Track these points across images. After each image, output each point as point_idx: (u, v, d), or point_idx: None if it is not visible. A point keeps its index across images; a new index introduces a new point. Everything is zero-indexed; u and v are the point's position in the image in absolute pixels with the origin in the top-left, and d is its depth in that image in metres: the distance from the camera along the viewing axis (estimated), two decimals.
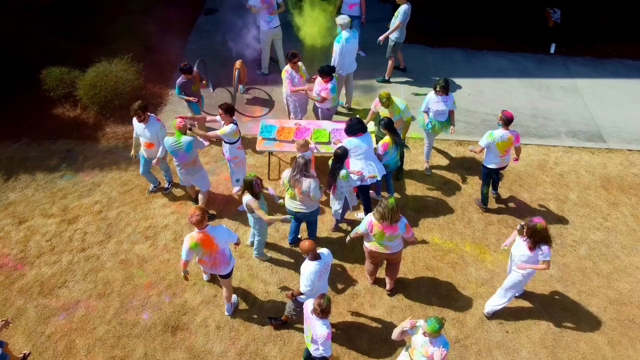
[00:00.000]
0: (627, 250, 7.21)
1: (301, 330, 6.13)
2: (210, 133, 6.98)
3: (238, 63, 8.88)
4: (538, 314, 6.43)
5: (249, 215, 6.29)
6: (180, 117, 6.76)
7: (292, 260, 6.89)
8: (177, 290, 6.55)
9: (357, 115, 8.80)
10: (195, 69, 7.90)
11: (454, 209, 7.62)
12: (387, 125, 6.72)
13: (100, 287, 6.56)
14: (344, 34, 8.21)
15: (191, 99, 7.78)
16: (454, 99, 7.52)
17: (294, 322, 6.14)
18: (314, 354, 5.06)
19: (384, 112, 7.29)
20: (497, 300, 6.14)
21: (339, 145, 6.62)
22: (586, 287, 6.76)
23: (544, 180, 8.14)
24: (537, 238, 5.43)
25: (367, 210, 7.08)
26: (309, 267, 5.22)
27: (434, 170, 8.19)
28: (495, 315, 6.33)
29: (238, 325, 6.21)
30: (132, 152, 7.36)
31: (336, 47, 8.30)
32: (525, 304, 6.52)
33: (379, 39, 9.26)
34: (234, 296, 6.38)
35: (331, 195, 6.80)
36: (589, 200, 7.86)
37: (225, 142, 6.89)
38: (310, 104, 8.37)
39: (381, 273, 6.62)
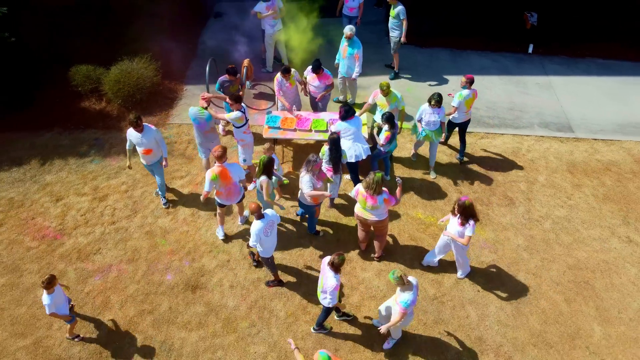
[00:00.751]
0: (586, 225, 8.20)
1: (301, 289, 7.13)
2: (220, 115, 7.96)
3: (246, 61, 9.83)
4: (506, 277, 7.42)
5: (257, 190, 7.29)
6: (204, 97, 7.75)
7: (294, 230, 7.90)
8: (196, 256, 7.56)
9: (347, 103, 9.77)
10: (238, 74, 8.71)
11: (435, 190, 8.60)
12: (389, 119, 7.76)
13: (129, 254, 7.57)
14: (346, 42, 9.19)
15: (226, 99, 8.26)
16: (445, 109, 8.34)
17: (277, 278, 7.15)
18: (323, 302, 6.08)
19: (381, 102, 8.23)
20: (464, 266, 7.20)
21: (332, 131, 7.60)
22: (548, 255, 7.75)
23: (516, 164, 9.13)
24: (467, 214, 6.41)
25: (356, 181, 8.08)
26: (255, 225, 6.34)
27: (419, 156, 9.17)
28: (469, 276, 7.34)
29: (248, 284, 7.22)
30: (128, 163, 7.82)
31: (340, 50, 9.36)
32: (495, 268, 7.52)
33: (402, 40, 10.16)
34: (246, 212, 7.76)
35: (332, 177, 7.72)
36: (555, 182, 8.85)
37: (234, 126, 7.88)
38: (304, 99, 9.40)
39: (371, 244, 7.61)
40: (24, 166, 8.93)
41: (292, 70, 8.78)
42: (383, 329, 5.97)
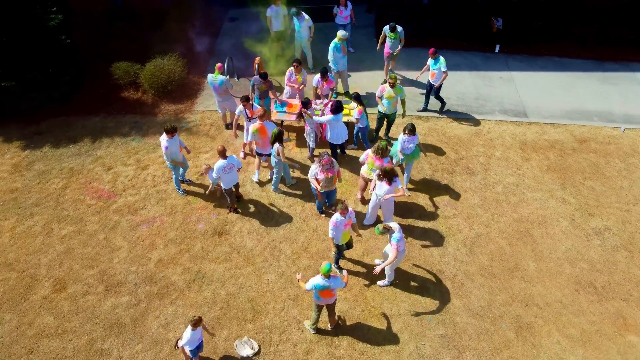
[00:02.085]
0: (530, 189, 10.08)
1: (303, 235, 9.02)
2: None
3: (257, 59, 11.71)
4: (463, 227, 9.31)
5: (272, 158, 9.17)
6: (220, 64, 9.96)
7: (299, 192, 9.79)
8: (220, 212, 9.45)
9: (339, 99, 11.60)
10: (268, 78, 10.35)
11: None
12: (357, 98, 9.70)
13: (168, 209, 9.47)
14: (339, 44, 11.01)
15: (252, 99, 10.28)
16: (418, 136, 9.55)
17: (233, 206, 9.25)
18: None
19: (388, 93, 9.94)
20: (392, 221, 8.88)
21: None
22: (498, 211, 9.63)
23: (478, 142, 11.01)
24: (389, 175, 8.25)
25: (335, 157, 9.84)
26: (218, 163, 8.49)
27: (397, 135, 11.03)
28: (433, 225, 9.23)
29: (262, 231, 9.12)
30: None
31: (333, 52, 11.17)
32: (454, 219, 9.41)
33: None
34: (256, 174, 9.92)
35: (306, 131, 9.78)
36: (509, 156, 10.73)
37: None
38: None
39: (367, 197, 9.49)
40: (79, 143, 10.82)
41: (304, 71, 10.67)
42: (377, 269, 7.72)
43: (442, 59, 10.82)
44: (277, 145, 8.87)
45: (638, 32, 13.63)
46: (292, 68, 10.58)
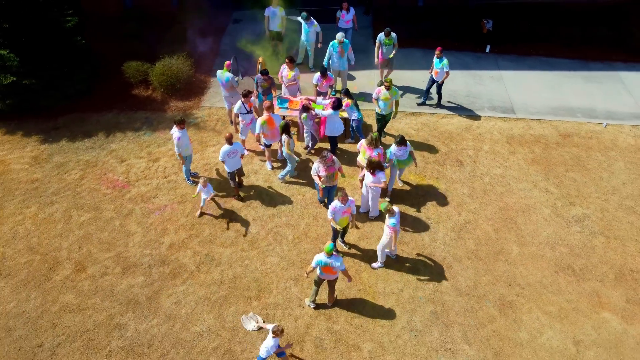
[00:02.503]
0: (516, 180, 10.74)
1: (304, 221, 9.68)
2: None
3: (260, 59, 12.35)
4: (452, 214, 9.97)
5: (283, 149, 9.82)
6: (229, 62, 10.68)
7: (301, 182, 10.46)
8: (227, 200, 10.12)
9: (338, 96, 12.24)
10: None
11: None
12: (347, 93, 10.47)
13: (178, 198, 10.13)
14: (337, 45, 11.66)
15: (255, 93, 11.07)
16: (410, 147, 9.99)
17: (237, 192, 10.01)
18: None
19: (384, 95, 10.55)
20: (374, 208, 9.61)
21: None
22: (485, 200, 10.30)
23: (467, 137, 11.67)
24: (374, 166, 8.91)
25: (333, 151, 10.59)
26: (224, 147, 9.22)
27: (392, 131, 11.70)
28: (421, 212, 9.90)
29: (265, 218, 9.78)
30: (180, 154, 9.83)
31: (330, 50, 11.85)
32: (444, 207, 10.07)
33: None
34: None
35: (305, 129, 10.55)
36: (496, 150, 11.40)
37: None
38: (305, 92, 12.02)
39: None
40: (94, 137, 11.48)
41: (296, 67, 11.31)
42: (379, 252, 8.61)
43: (445, 60, 11.46)
44: (284, 136, 9.55)
45: (621, 33, 14.29)
46: (285, 64, 11.24)
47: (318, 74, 11.20)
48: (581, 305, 8.68)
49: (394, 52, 12.21)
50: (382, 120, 11.03)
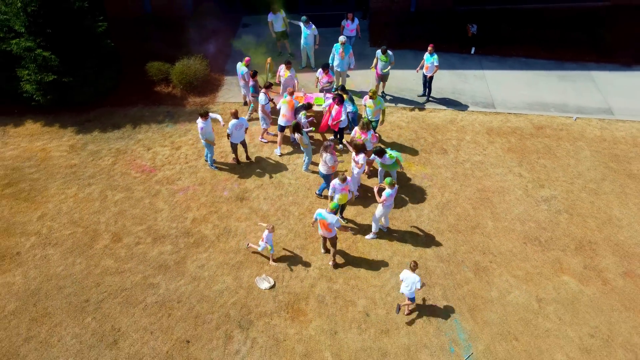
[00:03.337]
0: (493, 166, 12.14)
1: (308, 200, 11.09)
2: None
3: (269, 59, 13.76)
4: (437, 194, 11.38)
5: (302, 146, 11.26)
6: (248, 58, 12.38)
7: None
8: (241, 182, 11.54)
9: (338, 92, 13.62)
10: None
11: (399, 145, 12.56)
12: (343, 89, 11.93)
13: (199, 180, 11.55)
14: (339, 46, 13.06)
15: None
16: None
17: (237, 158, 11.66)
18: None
19: (369, 103, 11.86)
20: (354, 184, 10.90)
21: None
22: (466, 183, 11.71)
23: (452, 129, 13.09)
24: (358, 148, 10.30)
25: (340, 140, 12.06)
26: (232, 121, 10.79)
27: (387, 125, 13.10)
28: (412, 192, 11.32)
29: (275, 197, 11.21)
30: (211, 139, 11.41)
31: (333, 51, 13.23)
32: (430, 189, 11.48)
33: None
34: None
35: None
36: (477, 140, 12.81)
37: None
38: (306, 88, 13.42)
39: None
40: (122, 129, 12.90)
41: (292, 69, 12.68)
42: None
43: (435, 55, 12.90)
44: (297, 134, 10.95)
45: (593, 37, 15.68)
46: (283, 66, 12.66)
47: (321, 69, 12.63)
48: (545, 270, 10.09)
49: (389, 67, 13.21)
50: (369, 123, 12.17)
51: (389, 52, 13.06)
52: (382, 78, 13.53)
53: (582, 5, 16.44)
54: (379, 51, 13.05)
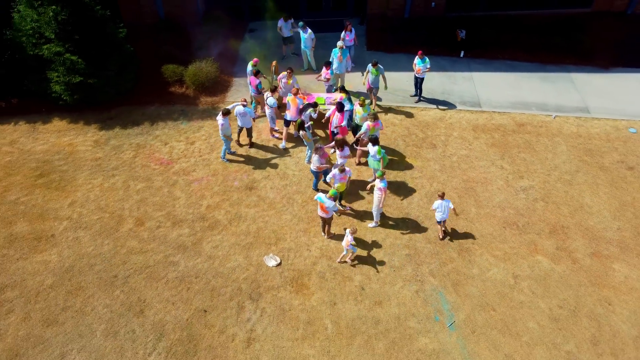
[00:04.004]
0: (477, 159, 13.29)
1: (309, 189, 12.25)
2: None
3: (274, 62, 14.90)
4: (426, 184, 12.53)
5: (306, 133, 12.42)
6: (256, 59, 13.54)
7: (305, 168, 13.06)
8: (250, 173, 12.71)
9: (338, 93, 14.72)
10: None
11: (392, 140, 13.72)
12: (342, 89, 13.09)
13: (212, 172, 12.72)
14: (338, 50, 14.22)
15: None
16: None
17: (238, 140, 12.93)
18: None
19: (358, 109, 12.97)
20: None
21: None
22: (453, 174, 12.86)
23: (441, 126, 14.25)
24: (339, 143, 11.42)
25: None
26: (238, 108, 12.12)
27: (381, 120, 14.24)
28: (404, 183, 12.48)
29: (280, 187, 12.37)
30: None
31: (332, 54, 14.40)
32: (419, 179, 12.64)
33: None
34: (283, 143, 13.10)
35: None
36: (464, 136, 13.97)
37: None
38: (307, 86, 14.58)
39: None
40: (141, 126, 14.07)
41: (294, 77, 13.80)
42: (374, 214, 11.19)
43: (427, 59, 14.04)
44: (301, 132, 12.12)
45: (573, 41, 16.82)
46: (286, 72, 13.77)
47: (324, 66, 13.98)
48: (521, 251, 11.24)
49: (380, 80, 14.05)
50: (358, 128, 12.87)
51: (380, 65, 13.86)
52: (373, 90, 14.34)
53: (563, 12, 17.60)
54: (369, 65, 13.71)
